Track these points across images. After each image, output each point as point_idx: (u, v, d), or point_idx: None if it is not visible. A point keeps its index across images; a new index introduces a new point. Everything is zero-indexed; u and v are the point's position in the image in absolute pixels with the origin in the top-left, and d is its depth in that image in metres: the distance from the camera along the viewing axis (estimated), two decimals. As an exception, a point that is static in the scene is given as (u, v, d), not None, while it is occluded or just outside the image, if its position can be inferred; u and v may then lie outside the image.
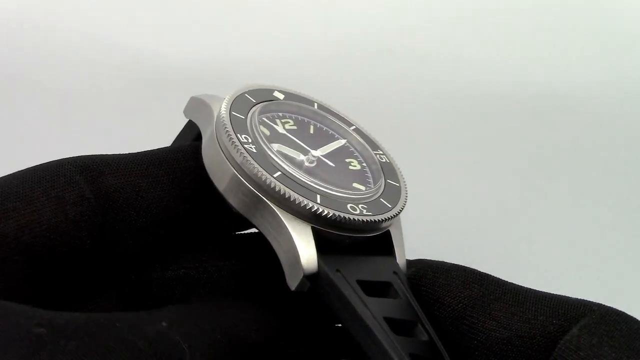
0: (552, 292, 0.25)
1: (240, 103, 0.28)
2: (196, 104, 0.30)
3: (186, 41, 0.56)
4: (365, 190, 0.28)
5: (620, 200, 0.56)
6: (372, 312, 0.23)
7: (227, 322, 0.24)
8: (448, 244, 0.52)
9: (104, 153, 0.28)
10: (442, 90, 0.56)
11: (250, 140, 0.26)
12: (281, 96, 0.30)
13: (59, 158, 0.26)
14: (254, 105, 0.28)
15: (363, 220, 0.26)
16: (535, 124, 0.57)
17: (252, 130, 0.27)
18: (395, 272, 0.26)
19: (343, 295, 0.24)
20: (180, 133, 0.32)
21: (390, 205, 0.27)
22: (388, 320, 0.24)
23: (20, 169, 0.26)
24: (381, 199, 0.27)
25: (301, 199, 0.25)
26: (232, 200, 0.26)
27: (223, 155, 0.26)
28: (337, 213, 0.25)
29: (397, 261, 0.27)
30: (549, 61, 0.56)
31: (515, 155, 0.57)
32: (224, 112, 0.27)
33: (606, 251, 0.56)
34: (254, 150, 0.26)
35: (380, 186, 0.28)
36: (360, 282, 0.25)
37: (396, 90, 0.56)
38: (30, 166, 0.26)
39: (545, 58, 0.56)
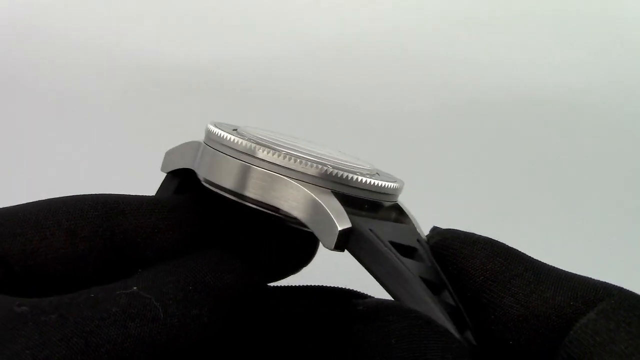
0: (573, 272, 0.25)
1: (222, 127, 0.29)
2: (174, 153, 0.31)
3: (186, 42, 0.56)
4: (365, 165, 0.29)
5: (621, 201, 0.56)
6: (410, 269, 0.24)
7: (197, 272, 0.24)
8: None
9: (122, 193, 0.28)
10: (442, 90, 0.56)
11: (245, 136, 0.27)
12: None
13: (78, 194, 0.27)
14: (235, 129, 0.29)
15: (375, 184, 0.26)
16: (534, 124, 0.57)
17: (241, 133, 0.28)
18: (418, 240, 0.27)
19: (380, 251, 0.24)
20: (159, 188, 0.32)
21: (393, 179, 0.28)
22: (422, 279, 0.24)
23: (39, 199, 0.26)
24: (380, 176, 0.28)
25: (315, 164, 0.26)
26: (248, 191, 0.26)
27: (222, 154, 0.27)
28: (351, 175, 0.26)
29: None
30: (549, 61, 0.56)
31: (516, 156, 0.57)
32: (211, 125, 0.28)
33: (606, 251, 0.56)
34: (247, 139, 0.27)
35: (375, 170, 0.29)
36: (392, 243, 0.25)
37: (396, 91, 0.56)
38: (50, 198, 0.26)
39: (545, 58, 0.56)
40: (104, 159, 0.56)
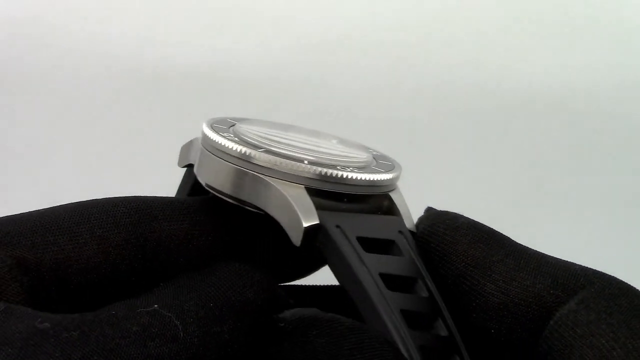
0: (556, 257, 0.25)
1: (220, 123, 0.29)
2: (185, 147, 0.31)
3: (187, 42, 0.56)
4: (358, 156, 0.28)
5: (621, 201, 0.56)
6: (369, 267, 0.24)
7: (218, 287, 0.24)
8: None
9: (155, 195, 0.28)
10: (442, 90, 0.56)
11: (232, 135, 0.27)
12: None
13: (112, 196, 0.26)
14: (232, 126, 0.29)
15: (353, 177, 0.26)
16: (534, 125, 0.57)
17: (230, 129, 0.28)
18: (400, 232, 0.26)
19: (339, 250, 0.24)
20: (180, 184, 0.32)
21: (382, 170, 0.27)
22: (384, 276, 0.24)
23: (72, 202, 0.26)
24: (372, 167, 0.28)
25: (288, 162, 0.25)
26: (227, 188, 0.27)
27: (210, 154, 0.27)
28: (324, 170, 0.25)
29: (404, 221, 0.27)
30: (549, 62, 0.56)
31: (515, 156, 0.57)
32: (205, 126, 0.28)
33: (606, 250, 0.56)
34: (236, 139, 0.27)
35: (370, 159, 0.28)
36: (361, 239, 0.25)
37: (396, 91, 0.56)
38: (82, 200, 0.26)
39: (546, 58, 0.56)
40: (104, 158, 0.56)
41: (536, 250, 0.25)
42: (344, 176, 0.26)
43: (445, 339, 0.23)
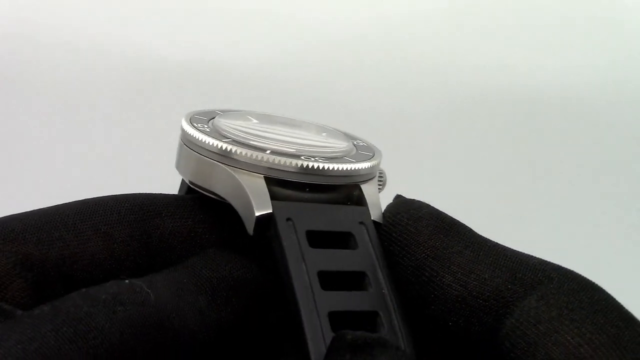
0: (516, 250, 0.24)
1: (201, 115, 0.29)
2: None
3: (186, 41, 0.56)
4: (335, 146, 0.28)
5: (621, 200, 0.56)
6: (308, 265, 0.23)
7: (191, 267, 0.24)
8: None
9: (159, 192, 0.28)
10: (443, 91, 0.56)
11: (206, 126, 0.28)
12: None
13: (115, 193, 0.27)
14: (212, 119, 0.29)
15: (315, 167, 0.25)
16: (533, 124, 0.57)
17: (210, 122, 0.28)
18: (362, 223, 0.26)
19: (281, 244, 0.24)
20: (181, 183, 0.33)
21: (353, 161, 0.27)
22: (324, 273, 0.23)
23: (77, 200, 0.26)
24: (346, 157, 0.27)
25: (249, 152, 0.25)
26: (195, 178, 0.27)
27: (183, 145, 0.27)
28: (284, 159, 0.25)
29: (370, 212, 0.26)
30: (549, 62, 0.56)
31: (514, 156, 0.57)
32: (183, 118, 0.28)
33: (606, 249, 0.56)
34: (208, 130, 0.27)
35: (347, 149, 0.28)
36: (312, 232, 0.24)
37: (396, 91, 0.56)
38: (86, 198, 0.26)
39: (546, 58, 0.56)
40: (103, 157, 0.56)
41: (496, 242, 0.25)
42: (304, 165, 0.26)
43: (377, 339, 0.22)
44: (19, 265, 0.22)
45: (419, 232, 0.25)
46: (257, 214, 0.24)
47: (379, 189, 0.29)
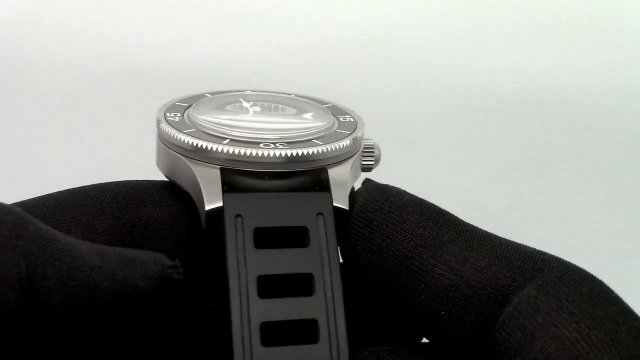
0: (511, 240, 0.24)
1: (182, 102, 0.29)
2: None
3: (186, 40, 0.56)
4: (309, 124, 0.27)
5: (621, 199, 0.57)
6: (248, 269, 0.22)
7: None
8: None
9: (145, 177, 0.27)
10: (443, 91, 0.56)
11: (176, 115, 0.27)
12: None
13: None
14: (190, 106, 0.29)
15: (272, 155, 0.25)
16: (533, 123, 0.57)
17: (189, 108, 0.28)
18: (320, 213, 0.24)
19: (225, 246, 0.23)
20: None
21: (320, 143, 0.26)
22: (265, 278, 0.22)
23: (60, 190, 0.25)
24: (313, 140, 0.26)
25: (207, 143, 0.25)
26: (165, 170, 0.27)
27: (157, 139, 0.27)
28: (239, 149, 0.25)
29: (334, 200, 0.25)
30: (550, 60, 0.56)
31: (514, 154, 0.57)
32: (160, 109, 0.28)
33: (606, 248, 0.56)
34: (176, 120, 0.27)
35: (324, 128, 0.27)
36: (261, 230, 0.23)
37: (396, 91, 0.56)
38: (70, 188, 0.25)
39: (547, 57, 0.56)
40: (102, 156, 0.56)
41: (488, 231, 0.24)
42: (259, 154, 0.25)
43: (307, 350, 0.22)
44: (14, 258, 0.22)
45: (405, 219, 0.24)
46: (207, 208, 0.24)
47: (369, 165, 0.28)
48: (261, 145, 0.25)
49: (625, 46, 0.56)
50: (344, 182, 0.26)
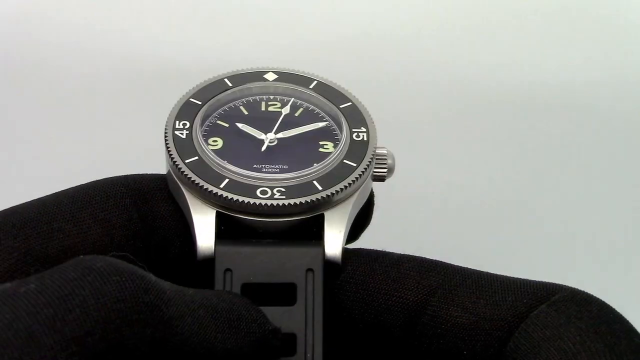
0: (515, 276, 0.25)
1: (196, 100, 0.28)
2: None
3: (185, 39, 0.56)
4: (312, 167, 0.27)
5: (621, 198, 0.57)
6: None
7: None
8: (447, 239, 0.53)
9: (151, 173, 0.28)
10: (443, 90, 0.56)
11: (185, 126, 0.27)
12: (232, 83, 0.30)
13: (111, 176, 0.26)
14: (201, 110, 0.28)
15: (268, 205, 0.25)
16: (533, 122, 0.57)
17: (199, 115, 0.27)
18: (310, 269, 0.24)
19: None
20: None
21: (320, 188, 0.26)
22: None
23: (72, 186, 0.25)
24: (314, 182, 0.26)
25: (204, 183, 0.25)
26: (171, 188, 0.27)
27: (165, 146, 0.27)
28: (237, 197, 0.25)
29: (326, 251, 0.25)
30: (549, 61, 0.56)
31: (515, 152, 0.57)
32: (169, 115, 0.27)
33: (605, 247, 0.56)
34: (183, 136, 0.26)
35: (325, 168, 0.27)
36: (248, 286, 0.24)
37: (397, 91, 0.56)
38: (82, 183, 0.25)
39: (546, 57, 0.56)
40: (102, 154, 0.56)
41: (490, 272, 0.25)
42: (255, 203, 0.25)
43: None
44: (21, 261, 0.22)
45: (405, 275, 0.24)
46: (199, 257, 0.24)
47: (383, 175, 0.28)
48: (258, 192, 0.25)
49: (628, 45, 0.56)
50: (339, 230, 0.26)
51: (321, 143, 0.28)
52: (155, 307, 0.19)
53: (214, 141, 0.27)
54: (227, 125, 0.28)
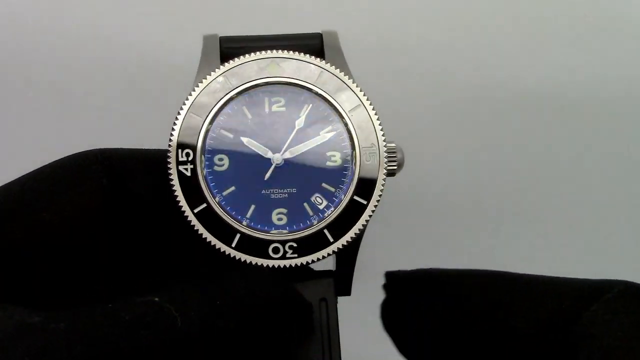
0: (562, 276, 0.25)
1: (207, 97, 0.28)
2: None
3: (186, 39, 0.56)
4: (335, 190, 0.26)
5: (621, 198, 0.57)
6: None
7: (225, 287, 0.23)
8: (447, 238, 0.53)
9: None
10: (443, 90, 0.56)
11: (189, 157, 0.26)
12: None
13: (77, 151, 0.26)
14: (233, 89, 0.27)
15: (281, 267, 0.25)
16: (533, 122, 0.57)
17: (200, 136, 0.27)
18: (324, 299, 0.25)
19: None
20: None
21: (332, 240, 0.26)
22: None
23: (46, 164, 0.26)
24: (325, 231, 0.26)
25: (216, 242, 0.25)
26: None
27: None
28: (249, 259, 0.25)
29: (337, 284, 0.26)
30: (549, 60, 0.56)
31: (515, 155, 0.57)
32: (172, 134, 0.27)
33: (605, 247, 0.56)
34: (188, 174, 0.26)
35: (335, 210, 0.27)
36: None
37: (397, 90, 0.56)
38: (58, 159, 0.26)
39: (548, 55, 0.56)
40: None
41: (544, 275, 0.26)
42: (268, 265, 0.25)
43: None
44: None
45: (471, 290, 0.25)
46: None
47: (393, 170, 0.28)
48: (270, 250, 0.25)
49: (628, 45, 0.56)
50: (350, 264, 0.26)
51: (329, 155, 0.28)
52: None
53: (220, 160, 0.27)
54: (231, 136, 0.27)
